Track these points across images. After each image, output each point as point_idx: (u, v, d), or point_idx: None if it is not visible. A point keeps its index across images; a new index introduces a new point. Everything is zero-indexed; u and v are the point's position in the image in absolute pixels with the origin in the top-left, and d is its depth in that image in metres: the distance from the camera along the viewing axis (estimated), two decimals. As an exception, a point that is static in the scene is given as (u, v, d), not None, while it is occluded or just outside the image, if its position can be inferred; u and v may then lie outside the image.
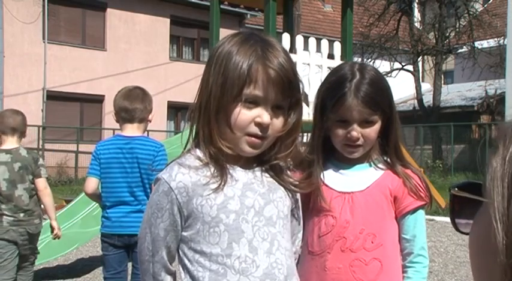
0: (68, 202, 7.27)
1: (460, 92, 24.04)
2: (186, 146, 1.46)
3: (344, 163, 1.84)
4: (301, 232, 1.63)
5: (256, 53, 1.35)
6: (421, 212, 1.87)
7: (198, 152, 1.41)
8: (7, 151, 4.12)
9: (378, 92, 1.77)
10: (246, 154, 1.39)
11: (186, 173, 1.37)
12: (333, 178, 1.83)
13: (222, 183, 1.36)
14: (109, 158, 3.50)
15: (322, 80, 1.93)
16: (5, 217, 4.09)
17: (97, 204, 5.39)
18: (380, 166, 1.84)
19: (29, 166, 4.16)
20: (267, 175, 1.44)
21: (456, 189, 0.69)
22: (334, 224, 1.77)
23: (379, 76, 1.84)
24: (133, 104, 3.48)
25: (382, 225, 1.81)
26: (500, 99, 20.10)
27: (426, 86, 25.30)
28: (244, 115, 1.34)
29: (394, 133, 1.83)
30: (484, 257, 0.62)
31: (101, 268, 6.33)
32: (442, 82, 24.41)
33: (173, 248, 1.40)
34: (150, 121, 3.66)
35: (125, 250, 3.59)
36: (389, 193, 1.81)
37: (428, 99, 22.71)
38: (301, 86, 1.44)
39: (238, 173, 1.40)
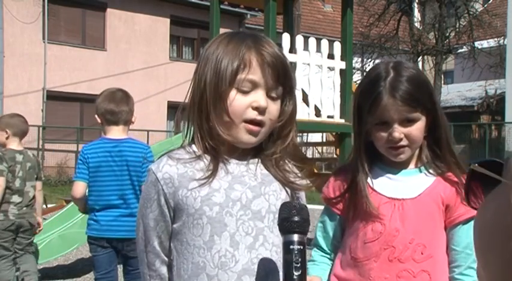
0: (68, 202, 7.26)
1: (460, 92, 24.04)
2: (186, 135, 1.47)
3: (392, 167, 1.74)
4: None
5: (247, 42, 1.37)
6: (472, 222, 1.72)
7: (192, 147, 1.42)
8: (20, 152, 4.62)
9: (416, 88, 1.66)
10: (244, 143, 1.39)
11: (173, 165, 1.38)
12: (380, 183, 1.73)
13: (211, 177, 1.36)
14: (98, 161, 3.48)
15: (323, 79, 1.86)
16: (12, 210, 4.57)
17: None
18: (431, 171, 1.72)
19: (35, 167, 4.74)
20: (262, 167, 1.43)
21: (476, 165, 0.67)
22: (382, 232, 1.68)
23: (416, 71, 1.72)
24: (119, 107, 3.52)
25: (433, 236, 1.70)
26: (500, 99, 20.11)
27: (426, 86, 25.26)
28: (240, 101, 1.35)
29: (442, 131, 1.71)
30: (493, 238, 0.60)
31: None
32: (442, 82, 24.42)
33: (164, 238, 1.41)
34: (133, 123, 3.70)
35: (113, 249, 3.62)
36: (441, 201, 1.70)
37: (428, 99, 22.69)
38: (292, 75, 1.45)
39: (230, 166, 1.40)
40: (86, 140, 18.40)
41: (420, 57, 23.55)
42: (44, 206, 9.01)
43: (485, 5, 25.33)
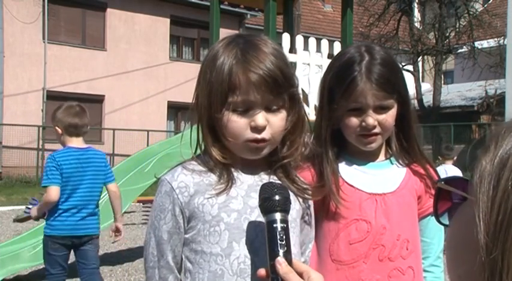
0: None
1: (460, 92, 24.04)
2: (196, 148, 1.41)
3: (360, 158, 1.64)
4: (313, 241, 1.52)
5: (235, 57, 1.30)
6: None
7: (204, 158, 1.38)
8: None
9: (392, 73, 1.58)
10: (253, 158, 1.35)
11: (188, 175, 1.35)
12: (355, 177, 1.62)
13: (228, 187, 1.33)
14: (70, 167, 3.86)
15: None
16: None
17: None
18: (400, 162, 1.66)
19: None
20: (275, 177, 1.39)
21: (443, 183, 0.70)
22: (369, 230, 1.58)
23: (390, 56, 1.65)
24: (82, 121, 3.96)
25: (414, 229, 1.65)
26: (500, 99, 20.08)
27: (426, 86, 25.31)
28: (237, 123, 1.30)
29: (412, 121, 1.65)
30: (463, 251, 0.64)
31: (101, 267, 6.33)
32: (442, 82, 24.43)
33: (177, 252, 1.37)
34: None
35: (71, 247, 4.04)
36: (415, 193, 1.65)
37: (428, 99, 22.73)
38: (294, 79, 1.36)
39: (244, 176, 1.37)
40: (86, 140, 18.34)
41: (420, 57, 23.55)
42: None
43: (485, 5, 25.33)
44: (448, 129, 18.98)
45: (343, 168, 1.64)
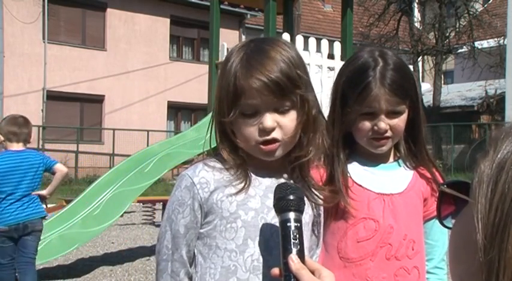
0: (68, 202, 7.26)
1: (460, 92, 24.05)
2: (212, 145, 1.45)
3: (370, 160, 1.69)
4: (320, 248, 1.55)
5: (240, 61, 1.33)
6: None
7: (224, 156, 1.40)
8: None
9: (405, 79, 1.62)
10: (267, 159, 1.37)
11: (209, 171, 1.37)
12: (364, 177, 1.67)
13: (246, 186, 1.35)
14: (8, 167, 4.49)
15: (323, 79, 1.78)
16: None
17: (97, 204, 5.70)
18: (408, 165, 1.70)
19: None
20: (291, 180, 1.40)
21: (445, 186, 0.72)
22: (377, 229, 1.61)
23: (402, 61, 1.68)
24: (21, 129, 4.58)
25: (420, 230, 1.68)
26: (500, 99, 20.10)
27: (426, 86, 25.31)
28: (246, 126, 1.33)
29: (422, 126, 1.69)
30: (463, 252, 0.66)
31: (101, 267, 6.35)
32: (442, 82, 24.43)
33: (192, 247, 1.39)
34: (30, 142, 4.76)
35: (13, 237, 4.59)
36: (422, 195, 1.69)
37: (428, 99, 22.73)
38: (302, 81, 1.36)
39: (261, 178, 1.39)
40: (86, 140, 18.45)
41: (420, 57, 23.56)
42: (44, 206, 9.02)
43: (485, 5, 25.33)
44: (448, 130, 18.98)
45: (353, 169, 1.67)
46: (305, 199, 1.30)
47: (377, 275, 1.61)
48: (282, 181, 1.39)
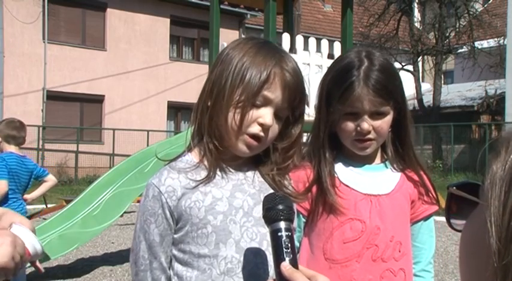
0: (68, 202, 7.26)
1: (460, 92, 24.05)
2: (189, 145, 1.46)
3: (356, 161, 1.66)
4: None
5: (276, 57, 1.36)
6: (433, 218, 1.73)
7: (190, 155, 1.43)
8: None
9: (390, 80, 1.58)
10: (239, 153, 1.40)
11: (175, 178, 1.38)
12: (351, 178, 1.64)
13: (212, 184, 1.38)
14: (15, 167, 4.73)
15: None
16: None
17: (97, 204, 5.73)
18: (395, 166, 1.68)
19: None
20: (258, 175, 1.44)
21: (454, 188, 0.70)
22: (363, 230, 1.59)
23: (389, 62, 1.65)
24: (19, 133, 4.82)
25: (407, 232, 1.66)
26: (500, 99, 20.11)
27: (426, 86, 25.31)
28: (250, 114, 1.35)
29: (408, 128, 1.66)
30: (476, 257, 0.63)
31: (101, 267, 6.35)
32: (442, 82, 24.43)
33: (169, 253, 1.41)
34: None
35: None
36: (409, 197, 1.67)
37: (428, 99, 22.73)
38: (306, 99, 1.43)
39: (229, 174, 1.41)
40: (86, 140, 18.45)
41: (420, 57, 23.55)
42: (44, 206, 9.02)
43: (485, 5, 25.34)
44: (448, 130, 18.98)
45: (340, 169, 1.65)
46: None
47: (363, 277, 1.59)
48: (250, 176, 1.42)
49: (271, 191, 1.41)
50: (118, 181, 6.28)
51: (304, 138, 1.57)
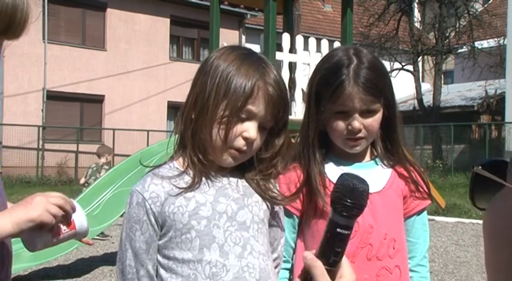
0: (68, 202, 7.27)
1: (460, 92, 24.05)
2: (172, 156, 1.47)
3: (346, 159, 1.66)
4: (284, 236, 1.56)
5: (258, 70, 1.36)
6: (425, 212, 1.73)
7: (175, 163, 1.44)
8: None
9: (379, 77, 1.58)
10: (224, 164, 1.41)
11: (158, 184, 1.39)
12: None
13: (195, 190, 1.38)
14: None
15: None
16: None
17: (97, 204, 5.76)
18: (385, 163, 1.68)
19: None
20: (243, 179, 1.45)
21: (480, 167, 0.68)
22: (356, 230, 1.57)
23: (377, 59, 1.64)
24: None
25: (400, 229, 1.66)
26: (500, 99, 20.12)
27: (426, 86, 25.31)
28: (235, 129, 1.36)
29: (398, 125, 1.66)
30: (502, 240, 0.61)
31: (101, 267, 6.35)
32: (442, 82, 24.43)
33: (155, 260, 1.40)
34: None
35: None
36: (401, 193, 1.67)
37: (428, 99, 22.73)
38: (289, 109, 1.45)
39: (213, 179, 1.42)
40: (86, 140, 18.45)
41: (420, 57, 23.55)
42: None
43: (485, 5, 25.34)
44: (448, 130, 18.97)
45: (330, 168, 1.65)
46: (258, 196, 1.41)
47: (359, 276, 1.53)
48: (233, 181, 1.43)
49: (255, 194, 1.43)
50: (118, 181, 6.28)
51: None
